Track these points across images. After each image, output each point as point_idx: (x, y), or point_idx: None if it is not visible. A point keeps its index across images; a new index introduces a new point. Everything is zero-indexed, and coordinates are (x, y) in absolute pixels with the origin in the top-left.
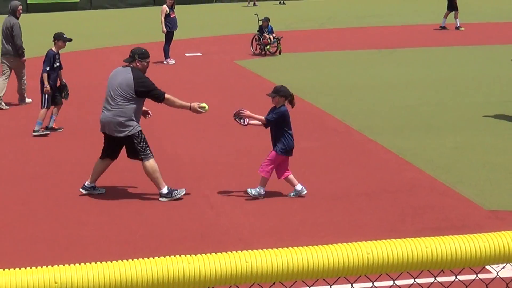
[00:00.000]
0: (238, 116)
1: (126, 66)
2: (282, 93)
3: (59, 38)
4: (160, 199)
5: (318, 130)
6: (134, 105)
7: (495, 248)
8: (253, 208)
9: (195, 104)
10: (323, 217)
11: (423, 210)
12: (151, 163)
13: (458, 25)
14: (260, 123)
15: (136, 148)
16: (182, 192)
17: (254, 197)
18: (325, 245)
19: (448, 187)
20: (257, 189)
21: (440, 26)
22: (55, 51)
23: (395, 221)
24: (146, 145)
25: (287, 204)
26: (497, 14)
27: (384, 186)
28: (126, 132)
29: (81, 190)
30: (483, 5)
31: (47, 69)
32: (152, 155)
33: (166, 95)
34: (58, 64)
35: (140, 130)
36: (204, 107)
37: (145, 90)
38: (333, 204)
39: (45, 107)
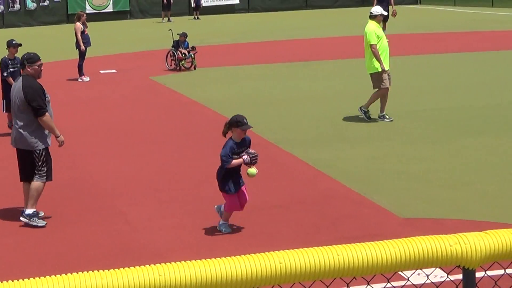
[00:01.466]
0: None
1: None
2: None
3: (9, 45)
4: (21, 217)
5: None
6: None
7: (405, 254)
8: (170, 223)
9: (62, 138)
10: (239, 230)
11: (338, 220)
12: (41, 185)
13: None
14: None
15: (34, 164)
16: (42, 223)
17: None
18: (237, 256)
19: (364, 196)
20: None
21: None
22: (7, 57)
23: (311, 231)
24: (44, 165)
25: (204, 218)
26: (422, 25)
27: (300, 197)
28: (28, 146)
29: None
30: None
31: (5, 74)
32: (47, 179)
33: (44, 117)
34: (15, 69)
35: (44, 148)
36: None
37: (28, 99)
38: (249, 217)
39: (4, 111)
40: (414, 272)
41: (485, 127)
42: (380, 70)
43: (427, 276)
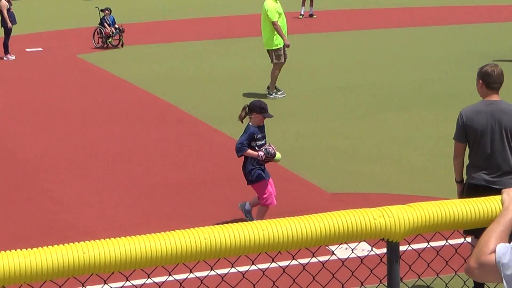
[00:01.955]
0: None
1: None
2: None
3: None
4: None
5: (164, 121)
6: None
7: (329, 228)
8: (98, 201)
9: None
10: (167, 207)
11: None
12: None
13: (312, 12)
14: None
15: None
16: None
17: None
18: (162, 233)
19: (292, 172)
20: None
21: (301, 14)
22: None
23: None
24: None
25: (132, 196)
26: (350, 2)
27: (229, 174)
28: None
29: None
30: None
31: None
32: None
33: None
34: None
35: None
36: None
37: None
38: (178, 194)
39: None
40: (339, 246)
41: (411, 102)
42: (281, 46)
43: (352, 250)
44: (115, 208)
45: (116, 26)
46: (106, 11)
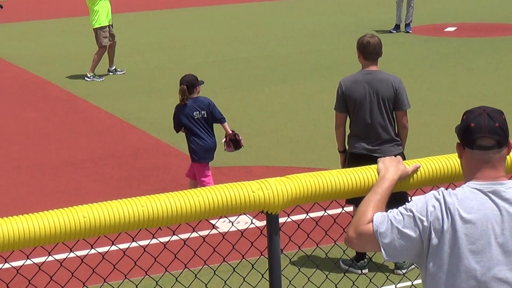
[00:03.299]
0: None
1: None
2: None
3: None
4: None
5: (41, 99)
6: None
7: (209, 201)
8: None
9: None
10: (49, 186)
11: (149, 172)
12: None
13: None
14: None
15: None
16: None
17: None
18: (40, 212)
19: (173, 147)
20: None
21: None
22: None
23: (122, 185)
24: None
25: (11, 176)
26: None
27: (110, 151)
28: None
29: None
30: None
31: None
32: None
33: None
34: None
35: None
36: None
37: None
38: (59, 173)
39: None
40: (219, 219)
41: (290, 74)
42: (99, 25)
43: (232, 223)
44: None
45: None
46: None
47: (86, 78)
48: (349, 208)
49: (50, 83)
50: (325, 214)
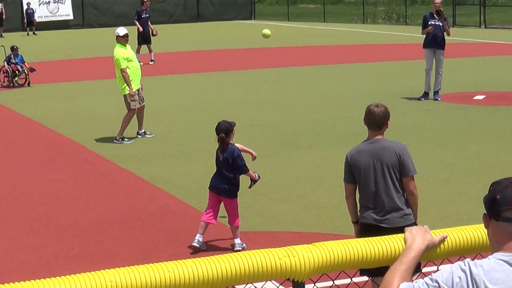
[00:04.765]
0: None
1: None
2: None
3: None
4: None
5: (70, 161)
6: None
7: (235, 268)
8: (2, 242)
9: None
10: (76, 248)
11: (176, 236)
12: None
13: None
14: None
15: None
16: None
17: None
18: (67, 276)
19: (200, 211)
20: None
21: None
22: None
23: (149, 248)
24: None
25: (39, 237)
26: (255, 40)
27: (137, 214)
28: None
29: None
30: (245, 33)
31: None
32: None
33: None
34: None
35: None
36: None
37: None
38: (86, 235)
39: None
40: (245, 286)
41: (318, 140)
42: (128, 92)
43: None
44: (21, 250)
45: (22, 65)
46: (14, 51)
47: (115, 141)
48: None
49: (79, 145)
50: (351, 282)
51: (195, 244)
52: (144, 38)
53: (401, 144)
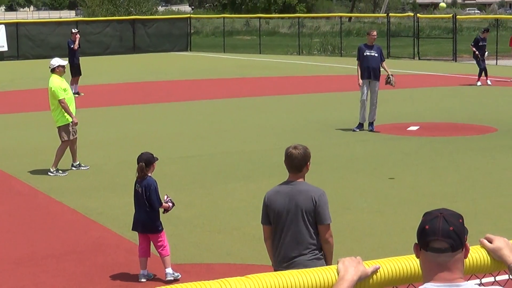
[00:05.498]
0: None
1: None
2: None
3: None
4: None
5: (3, 193)
6: None
7: None
8: None
9: None
10: (8, 283)
11: (111, 269)
12: None
13: (77, 90)
14: None
15: None
16: None
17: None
18: None
19: (135, 244)
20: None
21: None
22: None
23: (83, 281)
24: None
25: None
26: (192, 72)
27: (71, 247)
28: None
29: None
30: (181, 64)
31: None
32: None
33: None
34: None
35: None
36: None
37: None
38: (19, 269)
39: None
40: None
41: (251, 171)
42: (70, 121)
43: None
44: None
45: None
46: None
47: (49, 173)
48: None
49: (12, 177)
50: None
51: (142, 281)
52: (75, 71)
53: (320, 190)
